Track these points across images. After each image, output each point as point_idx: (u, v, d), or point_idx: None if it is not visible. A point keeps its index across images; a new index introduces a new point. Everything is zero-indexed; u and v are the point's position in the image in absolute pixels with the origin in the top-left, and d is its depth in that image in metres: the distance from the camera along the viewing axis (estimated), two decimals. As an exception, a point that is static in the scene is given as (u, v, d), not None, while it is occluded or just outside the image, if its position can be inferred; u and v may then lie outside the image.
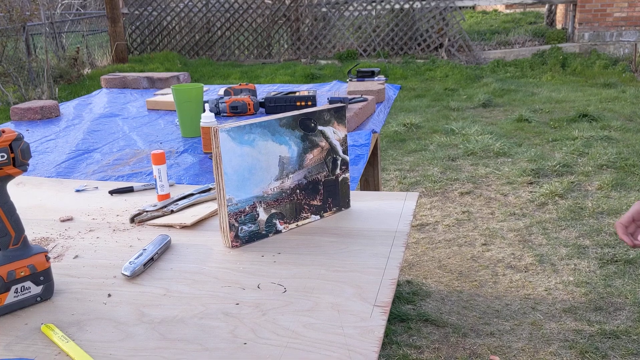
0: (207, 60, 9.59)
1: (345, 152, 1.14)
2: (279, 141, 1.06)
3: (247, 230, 1.06)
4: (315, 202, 1.13)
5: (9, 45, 7.55)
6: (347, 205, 1.19)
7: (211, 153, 1.69)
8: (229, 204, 1.03)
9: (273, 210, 1.09)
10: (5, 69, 7.29)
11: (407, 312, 2.55)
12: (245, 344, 0.77)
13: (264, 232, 1.08)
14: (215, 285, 0.93)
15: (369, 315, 0.83)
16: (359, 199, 1.27)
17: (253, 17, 9.69)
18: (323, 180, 1.13)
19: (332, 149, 1.12)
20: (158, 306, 0.87)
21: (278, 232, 1.10)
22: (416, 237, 3.23)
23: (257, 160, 1.04)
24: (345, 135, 1.13)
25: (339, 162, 1.14)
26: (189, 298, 0.89)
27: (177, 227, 1.16)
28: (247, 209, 1.06)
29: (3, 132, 0.84)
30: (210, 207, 1.23)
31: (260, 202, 1.07)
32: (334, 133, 1.11)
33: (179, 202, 1.25)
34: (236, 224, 1.05)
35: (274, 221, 1.09)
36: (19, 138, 0.85)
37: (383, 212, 1.20)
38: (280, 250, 1.04)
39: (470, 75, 7.65)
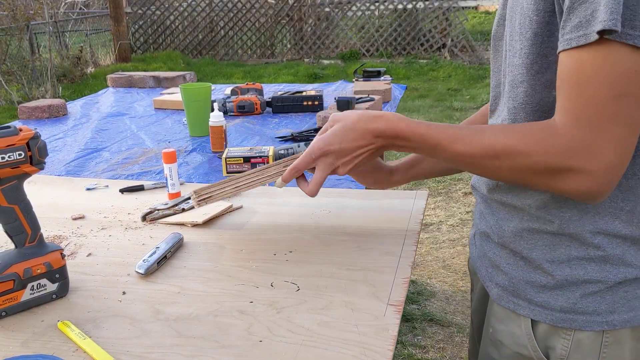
0: (210, 60, 9.60)
1: None
2: None
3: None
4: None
5: (12, 44, 7.57)
6: None
7: (220, 152, 1.70)
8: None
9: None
10: (9, 68, 7.30)
11: (411, 311, 2.56)
12: (260, 341, 0.78)
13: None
14: (228, 283, 0.94)
15: (383, 314, 0.83)
16: (369, 198, 1.28)
17: (256, 16, 9.70)
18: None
19: None
20: (173, 304, 0.88)
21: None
22: (420, 237, 3.23)
23: None
24: None
25: None
26: (204, 296, 0.90)
27: (189, 225, 1.17)
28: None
29: (20, 130, 0.85)
30: (221, 205, 1.24)
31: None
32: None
33: (190, 201, 1.25)
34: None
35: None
36: (36, 136, 0.85)
37: (393, 211, 1.21)
38: (292, 248, 1.05)
39: (473, 75, 7.65)
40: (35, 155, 0.85)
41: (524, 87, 0.76)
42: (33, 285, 0.87)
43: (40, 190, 1.40)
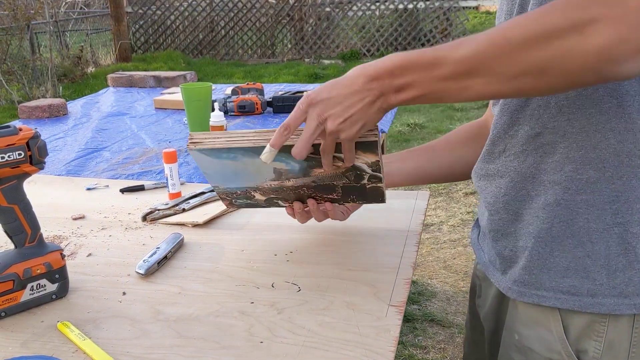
0: (211, 60, 9.60)
1: (375, 171, 0.89)
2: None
3: (243, 202, 0.98)
4: (330, 197, 0.95)
5: (13, 44, 7.57)
6: (380, 201, 0.98)
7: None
8: (216, 188, 0.98)
9: (272, 195, 0.96)
10: (10, 68, 7.30)
11: (412, 312, 2.55)
12: (261, 342, 0.77)
13: (264, 205, 0.98)
14: (229, 283, 0.93)
15: (385, 315, 0.83)
16: (370, 199, 1.28)
17: (257, 16, 9.70)
18: (341, 185, 0.92)
19: (353, 167, 0.88)
20: (173, 304, 0.88)
21: (282, 207, 0.99)
22: (421, 237, 3.23)
23: (244, 167, 0.90)
24: (377, 161, 0.86)
25: (365, 177, 0.90)
26: (204, 296, 0.90)
27: (189, 225, 1.16)
28: (239, 192, 0.96)
29: (20, 129, 0.84)
30: (222, 205, 1.23)
31: (254, 190, 0.95)
32: (357, 158, 0.86)
33: (191, 201, 1.25)
34: (228, 198, 0.98)
35: (276, 201, 0.96)
36: (36, 136, 0.85)
37: (394, 211, 1.20)
38: (293, 249, 1.04)
39: (474, 75, 7.64)
40: (35, 155, 0.85)
41: None
42: (33, 286, 0.87)
43: (40, 190, 1.40)
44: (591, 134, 0.73)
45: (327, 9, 9.52)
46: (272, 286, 0.92)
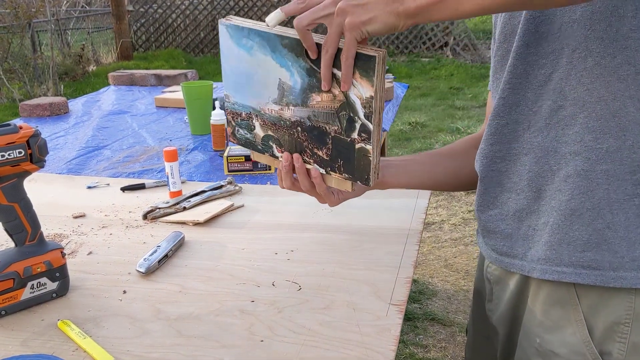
0: (212, 58, 9.59)
1: (367, 117, 0.83)
2: (279, 62, 0.85)
3: (244, 135, 0.96)
4: (320, 153, 0.90)
5: (14, 42, 7.57)
6: (365, 180, 0.86)
7: (221, 151, 1.69)
8: (227, 100, 0.95)
9: (270, 132, 0.93)
10: (11, 66, 7.30)
11: (413, 310, 2.55)
12: (262, 341, 0.77)
13: (260, 148, 0.95)
14: (230, 282, 0.93)
15: (385, 314, 0.83)
16: (370, 197, 1.27)
17: (258, 14, 9.69)
18: (332, 134, 0.87)
19: (347, 104, 0.83)
20: (174, 303, 0.87)
21: (275, 157, 0.94)
22: (422, 236, 3.23)
23: (254, 71, 0.89)
24: (371, 97, 0.81)
25: (357, 125, 0.84)
26: (205, 295, 0.89)
27: (190, 224, 1.16)
28: (244, 114, 0.94)
29: (21, 127, 0.84)
30: (223, 204, 1.23)
31: (256, 115, 0.93)
32: (354, 86, 0.81)
33: (191, 199, 1.25)
34: (233, 122, 0.96)
35: (271, 144, 0.94)
36: (36, 134, 0.85)
37: (395, 210, 1.20)
38: (294, 247, 1.04)
39: (475, 74, 7.64)
40: (35, 153, 0.85)
41: None
42: (33, 284, 0.87)
43: (41, 189, 1.40)
44: (610, 102, 0.72)
45: (329, 8, 9.51)
46: (273, 285, 0.92)
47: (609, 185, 0.74)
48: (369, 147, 0.85)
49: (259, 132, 0.94)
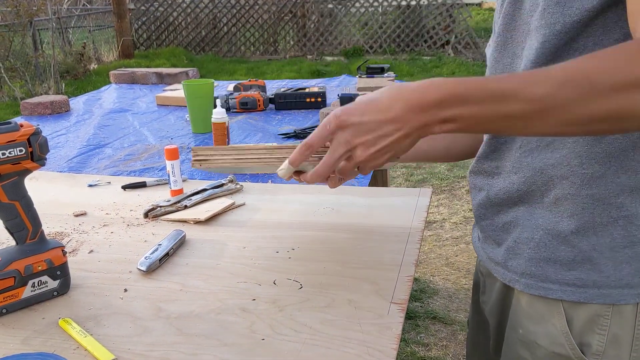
0: (213, 57, 9.59)
1: None
2: None
3: None
4: None
5: (15, 41, 7.57)
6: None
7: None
8: None
9: None
10: (12, 64, 7.30)
11: (414, 309, 2.55)
12: (263, 339, 0.77)
13: None
14: (231, 280, 0.93)
15: (386, 313, 0.82)
16: (372, 195, 1.27)
17: (259, 13, 9.68)
18: None
19: None
20: (175, 301, 0.87)
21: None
22: (423, 235, 3.23)
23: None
24: None
25: None
26: (206, 293, 0.89)
27: (191, 222, 1.16)
28: None
29: (21, 125, 0.84)
30: (224, 202, 1.23)
31: None
32: None
33: (193, 198, 1.25)
34: None
35: None
36: (37, 132, 0.85)
37: (397, 208, 1.20)
38: (295, 246, 1.04)
39: (477, 72, 7.63)
40: (36, 152, 0.85)
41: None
42: (34, 282, 0.86)
43: (42, 187, 1.40)
44: None
45: (330, 6, 9.50)
46: (274, 283, 0.92)
47: (594, 210, 0.76)
48: None
49: None
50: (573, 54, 0.72)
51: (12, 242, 0.88)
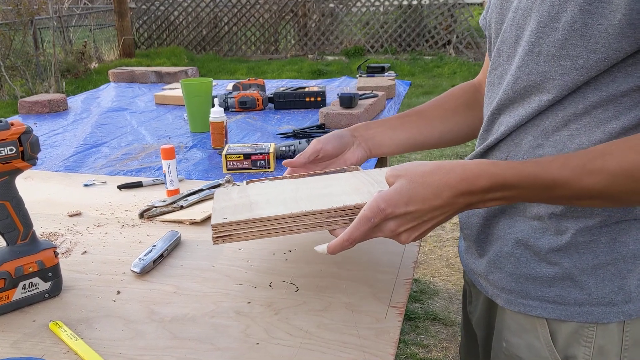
0: (214, 56, 9.57)
1: None
2: None
3: None
4: None
5: (16, 39, 7.56)
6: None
7: (220, 149, 1.67)
8: None
9: None
10: (13, 63, 7.29)
11: (414, 310, 2.53)
12: (257, 344, 0.75)
13: None
14: (226, 283, 0.91)
15: (384, 316, 0.81)
16: (371, 197, 1.25)
17: (260, 12, 9.67)
18: None
19: None
20: (168, 304, 0.86)
21: None
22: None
23: None
24: None
25: None
26: (200, 296, 0.88)
27: (187, 223, 1.14)
28: None
29: (12, 124, 0.82)
30: (220, 203, 1.21)
31: None
32: None
33: (189, 198, 1.23)
34: None
35: None
36: (28, 131, 0.83)
37: (396, 210, 1.18)
38: (291, 248, 1.02)
39: (478, 72, 7.59)
40: (27, 151, 0.83)
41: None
42: (25, 284, 0.85)
43: (36, 186, 1.38)
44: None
45: (331, 5, 9.48)
46: (270, 286, 0.90)
47: (576, 231, 0.74)
48: None
49: None
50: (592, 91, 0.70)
51: (3, 243, 0.86)
